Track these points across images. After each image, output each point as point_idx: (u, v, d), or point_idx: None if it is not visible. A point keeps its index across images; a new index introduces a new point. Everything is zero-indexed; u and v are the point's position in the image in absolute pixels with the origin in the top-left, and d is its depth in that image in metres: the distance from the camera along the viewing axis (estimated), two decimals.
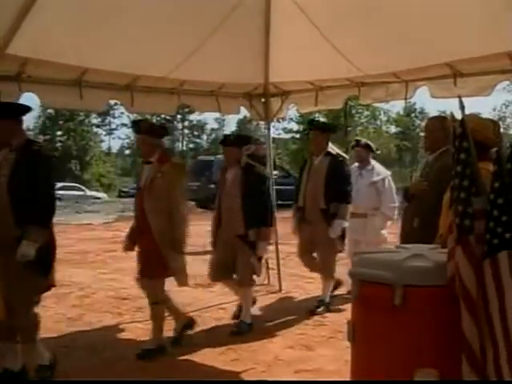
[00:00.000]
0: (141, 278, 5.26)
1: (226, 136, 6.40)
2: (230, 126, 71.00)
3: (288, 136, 49.83)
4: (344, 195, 6.53)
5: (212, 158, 27.71)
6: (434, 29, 5.28)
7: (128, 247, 5.45)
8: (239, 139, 6.18)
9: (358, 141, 7.98)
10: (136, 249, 5.38)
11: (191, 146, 72.62)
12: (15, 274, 4.16)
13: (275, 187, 7.74)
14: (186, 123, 71.82)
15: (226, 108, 7.55)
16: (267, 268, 7.97)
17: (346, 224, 6.55)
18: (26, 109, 4.50)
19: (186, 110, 55.09)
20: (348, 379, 3.41)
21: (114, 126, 66.92)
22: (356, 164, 7.67)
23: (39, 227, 4.21)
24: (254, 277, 6.00)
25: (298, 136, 54.23)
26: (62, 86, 5.93)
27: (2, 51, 5.12)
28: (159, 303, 5.23)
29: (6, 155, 4.31)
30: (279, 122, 46.05)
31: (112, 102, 7.03)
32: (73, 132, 54.62)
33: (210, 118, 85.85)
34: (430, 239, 3.66)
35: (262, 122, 9.34)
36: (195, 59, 6.24)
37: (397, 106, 58.57)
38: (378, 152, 7.96)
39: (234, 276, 5.98)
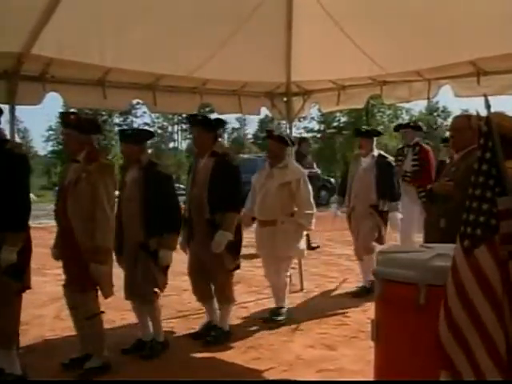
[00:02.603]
0: (69, 292, 4.76)
1: (121, 131, 5.51)
2: (252, 125, 71.06)
3: (309, 135, 49.88)
4: (229, 202, 5.39)
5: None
6: (457, 27, 5.25)
7: (57, 256, 4.89)
8: (138, 135, 5.33)
9: (269, 132, 6.58)
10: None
11: None
12: None
13: None
14: None
15: (247, 108, 7.55)
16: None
17: (231, 237, 5.37)
18: None
19: (207, 109, 55.25)
20: (371, 379, 3.41)
21: (135, 126, 67.19)
22: (267, 161, 6.37)
23: (17, 231, 4.17)
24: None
25: (319, 135, 54.31)
26: (86, 86, 5.98)
27: (26, 52, 5.18)
28: (95, 317, 4.72)
29: None
30: (300, 121, 46.21)
31: (134, 101, 7.04)
32: None
33: (231, 117, 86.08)
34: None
35: (283, 122, 9.37)
36: (217, 58, 6.27)
37: (419, 105, 58.47)
38: (295, 148, 6.71)
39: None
